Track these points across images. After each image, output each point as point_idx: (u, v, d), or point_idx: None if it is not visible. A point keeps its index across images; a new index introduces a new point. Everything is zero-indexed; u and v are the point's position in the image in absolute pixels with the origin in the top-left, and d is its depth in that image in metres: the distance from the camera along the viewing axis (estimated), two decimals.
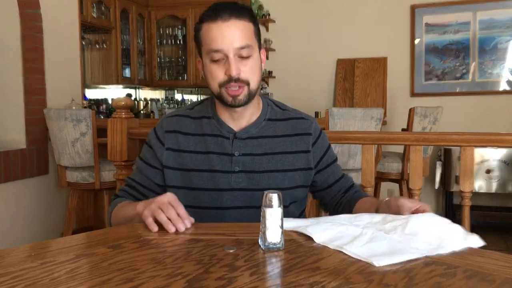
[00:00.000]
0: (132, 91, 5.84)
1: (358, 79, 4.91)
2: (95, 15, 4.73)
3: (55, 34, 3.67)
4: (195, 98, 6.28)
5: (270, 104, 1.40)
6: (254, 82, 1.27)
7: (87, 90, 5.12)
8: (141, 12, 5.49)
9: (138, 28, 5.47)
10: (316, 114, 4.59)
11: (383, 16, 4.86)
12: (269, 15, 5.15)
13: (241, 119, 1.33)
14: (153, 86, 5.85)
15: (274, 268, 0.89)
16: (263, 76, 1.82)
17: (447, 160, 4.17)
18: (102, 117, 4.78)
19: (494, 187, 4.07)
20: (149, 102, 5.60)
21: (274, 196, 0.95)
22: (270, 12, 5.15)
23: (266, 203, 0.95)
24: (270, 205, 0.95)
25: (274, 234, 0.94)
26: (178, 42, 5.73)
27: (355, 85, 4.92)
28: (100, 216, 3.73)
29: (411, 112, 3.41)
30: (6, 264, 0.88)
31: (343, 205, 1.41)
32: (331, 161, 1.42)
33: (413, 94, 4.80)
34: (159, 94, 6.27)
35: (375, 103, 4.80)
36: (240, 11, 1.24)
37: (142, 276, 0.80)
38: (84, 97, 4.59)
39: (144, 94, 6.11)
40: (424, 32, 4.74)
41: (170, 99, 6.00)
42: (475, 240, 0.99)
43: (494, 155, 4.02)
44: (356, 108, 3.73)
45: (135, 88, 5.90)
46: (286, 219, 1.13)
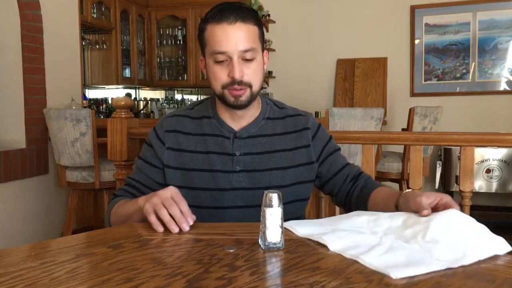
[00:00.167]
0: (132, 91, 5.84)
1: (358, 79, 4.91)
2: (95, 15, 4.73)
3: (55, 35, 3.67)
4: (195, 98, 6.28)
5: (269, 103, 1.41)
6: (257, 84, 1.27)
7: (87, 90, 5.12)
8: (141, 13, 5.49)
9: (138, 29, 5.47)
10: (316, 114, 4.60)
11: (383, 16, 4.86)
12: (269, 15, 5.14)
13: (241, 119, 1.34)
14: (153, 86, 5.85)
15: (274, 268, 0.89)
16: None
17: (447, 160, 4.17)
18: (102, 117, 4.78)
19: (494, 187, 4.07)
20: (149, 102, 5.60)
21: (274, 196, 0.95)
22: (270, 12, 5.15)
23: (266, 202, 0.95)
24: (270, 204, 0.95)
25: (274, 233, 0.94)
26: (178, 42, 5.73)
27: (355, 85, 4.92)
28: (100, 216, 3.73)
29: (411, 112, 3.41)
30: (6, 264, 0.87)
31: (356, 196, 1.36)
32: (333, 150, 1.42)
33: (413, 94, 4.80)
34: (159, 94, 6.27)
35: (375, 103, 4.79)
36: (246, 14, 1.24)
37: (142, 276, 0.80)
38: (84, 97, 4.59)
39: (144, 94, 6.11)
40: (424, 33, 4.75)
41: (170, 99, 6.00)
42: (502, 244, 0.93)
43: (494, 155, 4.02)
44: (356, 108, 3.73)
45: (135, 88, 5.91)
46: (299, 222, 1.11)
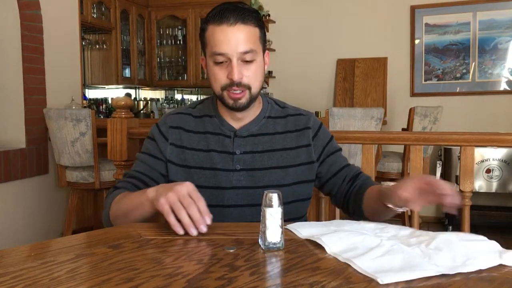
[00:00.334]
0: (132, 91, 5.84)
1: (358, 79, 4.91)
2: (95, 15, 4.72)
3: (55, 35, 3.67)
4: (195, 98, 6.27)
5: (271, 102, 1.41)
6: (256, 86, 1.27)
7: (87, 90, 5.12)
8: (141, 13, 5.49)
9: (138, 29, 5.46)
10: (316, 114, 4.59)
11: (383, 16, 4.86)
12: (269, 15, 5.14)
13: (242, 118, 1.34)
14: (153, 86, 5.85)
15: (274, 268, 0.89)
16: None
17: (447, 160, 4.17)
18: (102, 117, 4.78)
19: (494, 187, 4.07)
20: (149, 102, 5.60)
21: (274, 196, 0.95)
22: (270, 12, 5.15)
23: (266, 202, 0.95)
24: (270, 204, 0.95)
25: (274, 233, 0.94)
26: (178, 42, 5.73)
27: (355, 85, 4.92)
28: (100, 216, 3.71)
29: (411, 112, 3.41)
30: (6, 264, 0.87)
31: (353, 196, 1.34)
32: (333, 150, 1.41)
33: (413, 94, 4.80)
34: (159, 94, 6.27)
35: (375, 103, 4.79)
36: (247, 15, 1.23)
37: (142, 276, 0.80)
38: (84, 97, 4.59)
39: (144, 94, 6.11)
40: (424, 33, 4.74)
41: (170, 99, 6.00)
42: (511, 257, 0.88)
43: (494, 155, 4.02)
44: (356, 108, 3.73)
45: (135, 88, 5.90)
46: (302, 224, 1.10)
